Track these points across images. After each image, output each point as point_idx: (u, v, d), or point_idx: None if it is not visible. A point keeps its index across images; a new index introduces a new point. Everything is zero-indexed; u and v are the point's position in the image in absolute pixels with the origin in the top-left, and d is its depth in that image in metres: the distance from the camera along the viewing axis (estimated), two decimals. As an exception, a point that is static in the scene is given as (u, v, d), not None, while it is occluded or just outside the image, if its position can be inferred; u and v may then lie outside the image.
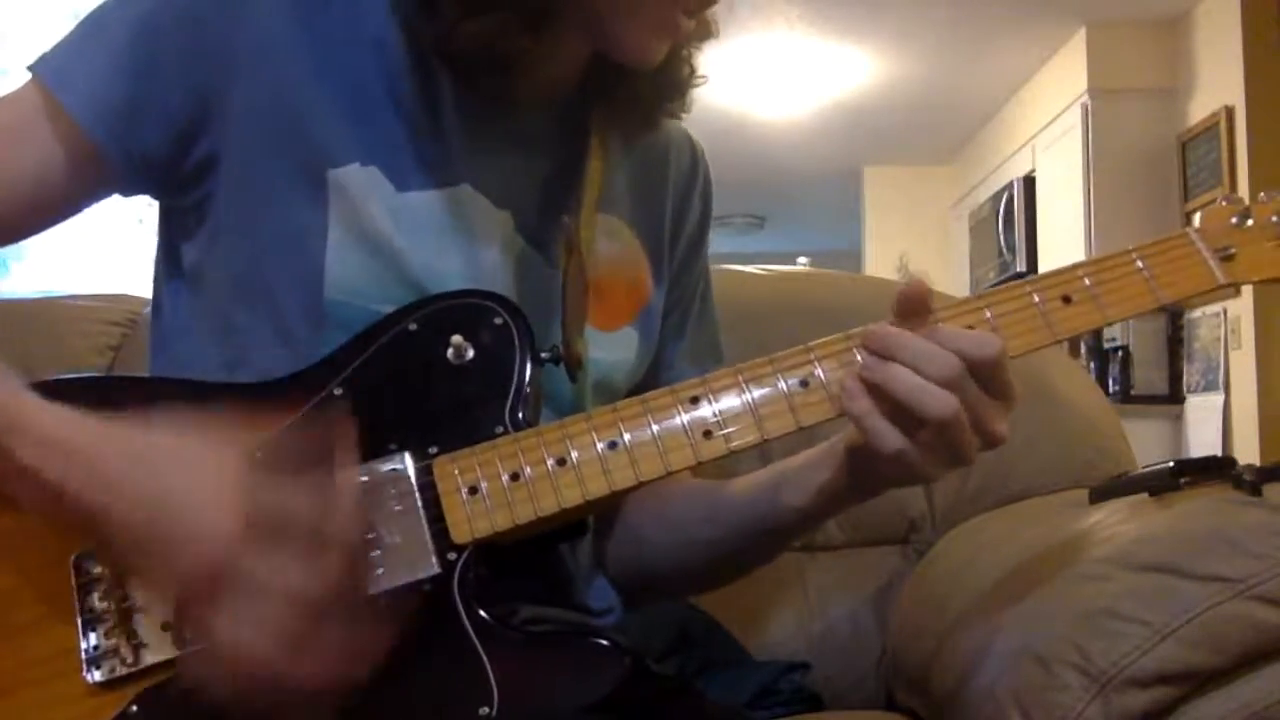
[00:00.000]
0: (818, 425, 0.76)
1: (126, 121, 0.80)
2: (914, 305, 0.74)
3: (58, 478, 0.67)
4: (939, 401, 0.71)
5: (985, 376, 0.73)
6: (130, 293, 1.50)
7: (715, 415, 0.75)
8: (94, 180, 0.83)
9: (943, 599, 1.15)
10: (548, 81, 0.88)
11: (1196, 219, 0.84)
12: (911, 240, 7.04)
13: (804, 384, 0.76)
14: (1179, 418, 4.54)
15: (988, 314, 0.77)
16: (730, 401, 0.76)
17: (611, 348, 0.92)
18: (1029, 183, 5.60)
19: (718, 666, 1.24)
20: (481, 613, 0.73)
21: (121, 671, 0.72)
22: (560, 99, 0.90)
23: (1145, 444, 4.07)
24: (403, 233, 0.81)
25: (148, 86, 0.80)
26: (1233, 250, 0.81)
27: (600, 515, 0.97)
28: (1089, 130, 4.90)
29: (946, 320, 0.76)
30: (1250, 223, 0.82)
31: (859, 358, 0.75)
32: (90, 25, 0.83)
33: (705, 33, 0.90)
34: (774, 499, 0.88)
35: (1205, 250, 0.81)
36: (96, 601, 0.73)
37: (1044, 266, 5.37)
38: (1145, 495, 1.00)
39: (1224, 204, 0.83)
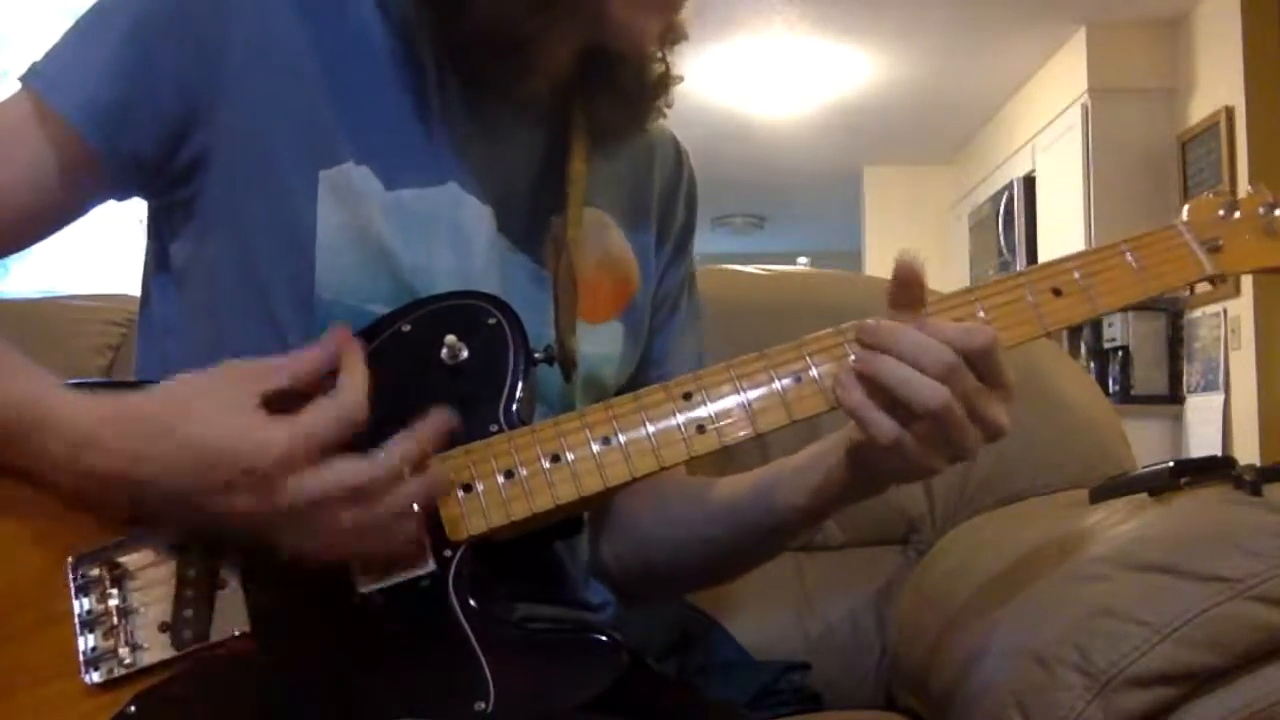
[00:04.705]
0: (811, 418, 0.77)
1: (119, 121, 0.80)
2: (907, 289, 0.75)
3: (92, 467, 0.71)
4: (930, 391, 0.72)
5: (979, 366, 0.73)
6: (130, 293, 1.50)
7: (708, 410, 0.76)
8: (87, 184, 0.83)
9: (943, 599, 1.15)
10: (540, 75, 0.88)
11: (1184, 212, 0.85)
12: (911, 240, 7.00)
13: (797, 379, 0.76)
14: (1179, 418, 4.53)
15: (978, 307, 0.78)
16: (723, 396, 0.76)
17: (597, 341, 0.92)
18: (1029, 183, 5.59)
19: (718, 666, 1.24)
20: (477, 609, 0.73)
21: (119, 672, 0.72)
22: (545, 99, 0.90)
23: (1145, 444, 4.07)
24: (393, 231, 0.82)
25: (139, 86, 0.80)
26: (1220, 241, 0.83)
27: (599, 516, 0.97)
28: (1089, 130, 4.90)
29: (938, 314, 0.76)
30: (1238, 214, 0.84)
31: (848, 351, 0.76)
32: (81, 29, 0.83)
33: (677, 35, 0.91)
34: (771, 498, 0.88)
35: (1193, 241, 0.82)
36: (94, 603, 0.73)
37: (1044, 266, 5.36)
38: (1145, 495, 1.00)
39: (1211, 196, 0.85)
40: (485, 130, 0.87)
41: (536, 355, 0.80)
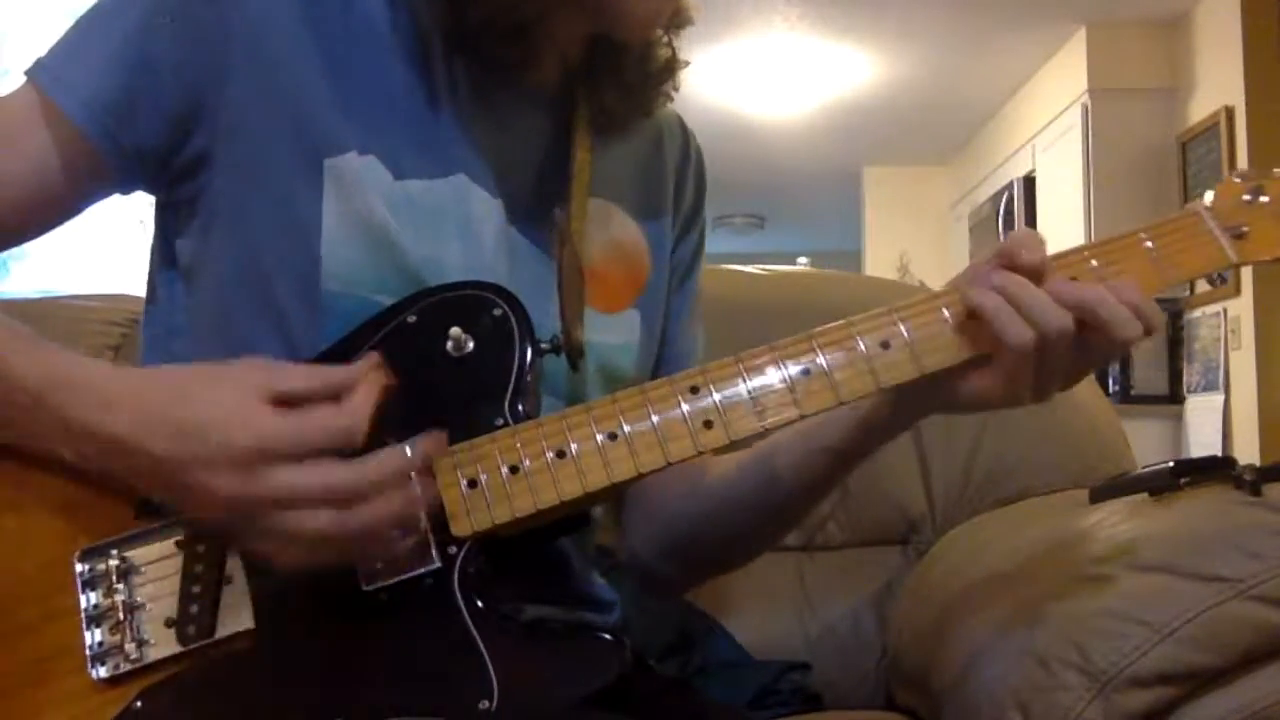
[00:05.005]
0: (820, 413, 0.76)
1: (121, 118, 0.80)
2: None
3: (100, 430, 0.70)
4: (1059, 315, 0.73)
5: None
6: (130, 293, 1.50)
7: (715, 404, 0.75)
8: (91, 179, 0.83)
9: (943, 599, 1.15)
10: (546, 63, 0.88)
11: (1208, 196, 0.80)
12: (911, 240, 7.03)
13: (806, 372, 0.75)
14: (1179, 418, 4.53)
15: None
16: (730, 390, 0.75)
17: (613, 330, 0.92)
18: (1029, 183, 5.59)
19: (718, 666, 1.24)
20: (482, 606, 0.73)
21: (125, 668, 0.72)
22: (551, 89, 0.91)
23: (1145, 444, 4.07)
24: (400, 222, 0.81)
25: (142, 82, 0.80)
26: (1245, 228, 0.79)
27: (628, 502, 0.97)
28: (1089, 130, 4.90)
29: (949, 302, 0.76)
30: (1264, 199, 0.80)
31: (859, 343, 0.75)
32: (84, 26, 0.83)
33: (682, 19, 0.91)
34: (772, 465, 0.88)
35: (1216, 229, 0.79)
36: (100, 598, 0.73)
37: (1044, 266, 5.36)
38: (1145, 495, 1.00)
39: (1236, 180, 0.80)
40: (492, 120, 0.87)
41: (543, 346, 0.79)
